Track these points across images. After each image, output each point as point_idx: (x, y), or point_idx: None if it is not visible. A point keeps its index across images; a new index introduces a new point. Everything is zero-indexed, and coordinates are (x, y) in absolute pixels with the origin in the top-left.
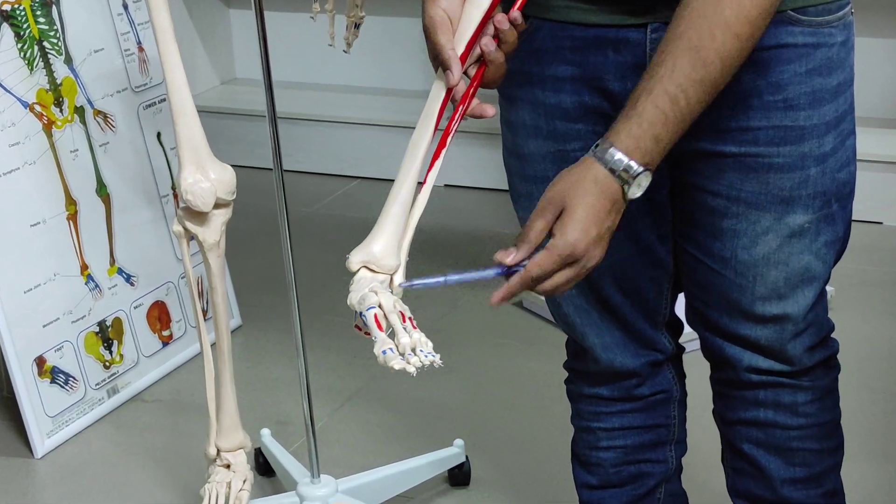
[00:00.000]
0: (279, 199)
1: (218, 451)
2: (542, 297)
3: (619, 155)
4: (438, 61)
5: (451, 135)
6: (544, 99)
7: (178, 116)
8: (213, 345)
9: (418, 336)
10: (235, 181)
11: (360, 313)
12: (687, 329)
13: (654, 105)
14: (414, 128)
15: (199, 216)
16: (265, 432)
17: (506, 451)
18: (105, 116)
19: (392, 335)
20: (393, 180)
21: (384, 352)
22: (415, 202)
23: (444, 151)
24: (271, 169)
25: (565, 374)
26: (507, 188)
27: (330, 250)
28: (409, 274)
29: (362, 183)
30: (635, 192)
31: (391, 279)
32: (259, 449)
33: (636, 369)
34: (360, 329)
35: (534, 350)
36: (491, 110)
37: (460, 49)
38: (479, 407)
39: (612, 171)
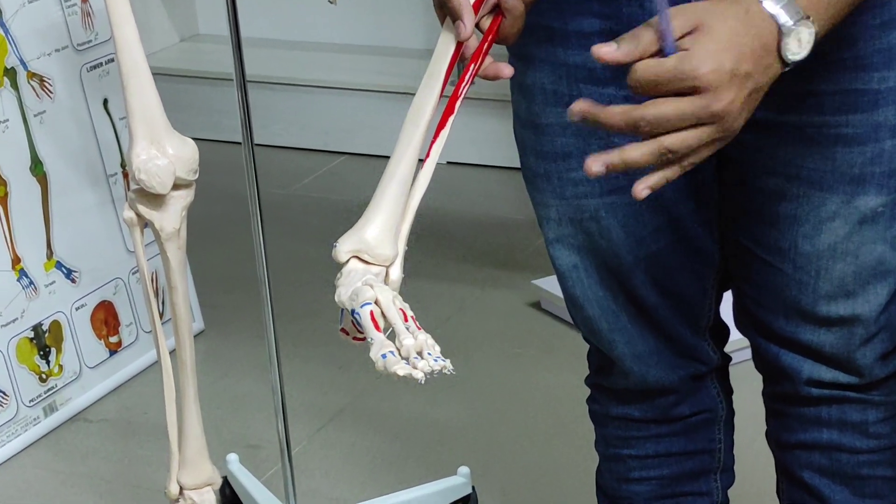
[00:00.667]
0: (249, 179)
1: (181, 488)
2: (562, 298)
3: None
4: (445, 10)
5: (460, 100)
6: (566, 59)
7: (128, 80)
8: (171, 352)
9: (424, 337)
10: (198, 157)
11: (353, 311)
12: (735, 335)
13: None
14: (413, 94)
15: (155, 199)
16: (232, 458)
17: (519, 482)
18: (41, 80)
19: (392, 337)
20: (387, 157)
21: (384, 355)
22: (415, 180)
23: (451, 119)
24: (240, 143)
25: (588, 391)
26: (520, 166)
27: (310, 240)
28: (405, 270)
29: (350, 160)
30: (793, 47)
31: (387, 272)
32: (225, 478)
33: (674, 384)
34: (348, 333)
35: (553, 360)
36: (508, 70)
37: None
38: (487, 428)
39: (768, 7)
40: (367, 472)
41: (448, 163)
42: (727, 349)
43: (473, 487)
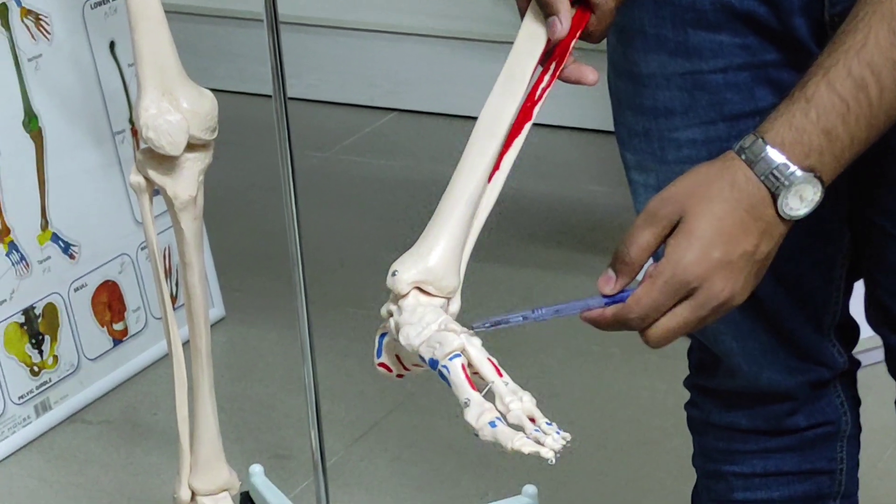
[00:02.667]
0: (281, 140)
1: (193, 494)
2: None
3: (769, 150)
4: (536, 0)
5: (540, 105)
6: None
7: (137, 19)
8: (185, 344)
9: (529, 399)
10: (217, 113)
11: (432, 362)
12: (865, 334)
13: (831, 88)
14: (478, 41)
15: (167, 162)
16: (256, 469)
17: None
18: (37, 18)
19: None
20: (445, 115)
21: (493, 424)
22: (483, 196)
23: (527, 128)
24: (270, 96)
25: (686, 394)
26: (611, 128)
27: (352, 214)
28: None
29: (400, 118)
30: (795, 205)
31: (447, 305)
32: (247, 493)
33: (790, 390)
34: (390, 370)
35: (638, 360)
36: (592, 75)
37: None
38: None
39: (759, 171)
40: (414, 490)
41: None
42: (855, 352)
43: None
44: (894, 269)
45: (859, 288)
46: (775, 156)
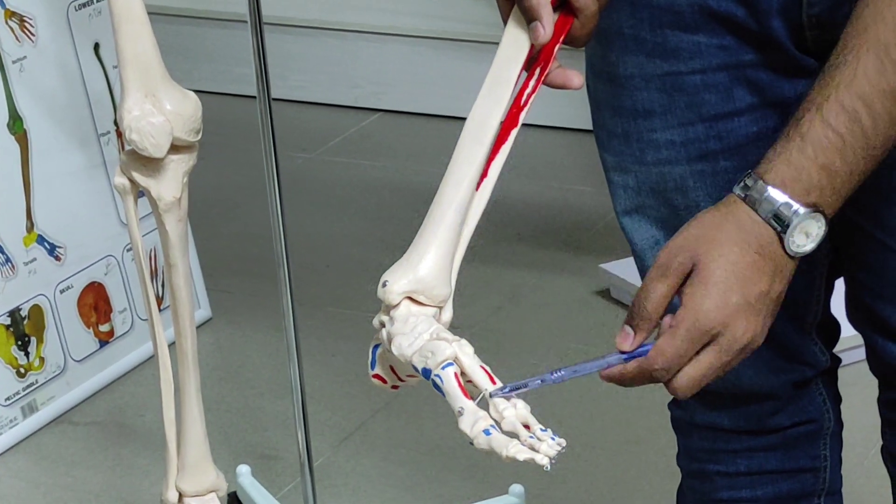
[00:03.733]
0: (265, 141)
1: (180, 495)
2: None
3: (770, 190)
4: (519, 7)
5: (526, 111)
6: None
7: (120, 22)
8: (171, 345)
9: (523, 405)
10: (200, 114)
11: (426, 371)
12: (846, 332)
13: (825, 123)
14: (462, 41)
15: (151, 163)
16: (243, 470)
17: (581, 503)
18: (21, 20)
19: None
20: (428, 115)
21: (487, 431)
22: (471, 205)
23: (513, 134)
24: (254, 97)
25: (668, 394)
26: (591, 127)
27: (337, 214)
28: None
29: (384, 118)
30: (801, 241)
31: (439, 314)
32: (234, 494)
33: (773, 390)
34: (385, 381)
35: None
36: (578, 79)
37: None
38: None
39: (762, 212)
40: (401, 490)
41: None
42: (837, 350)
43: None
44: (875, 268)
45: (840, 286)
46: (777, 195)
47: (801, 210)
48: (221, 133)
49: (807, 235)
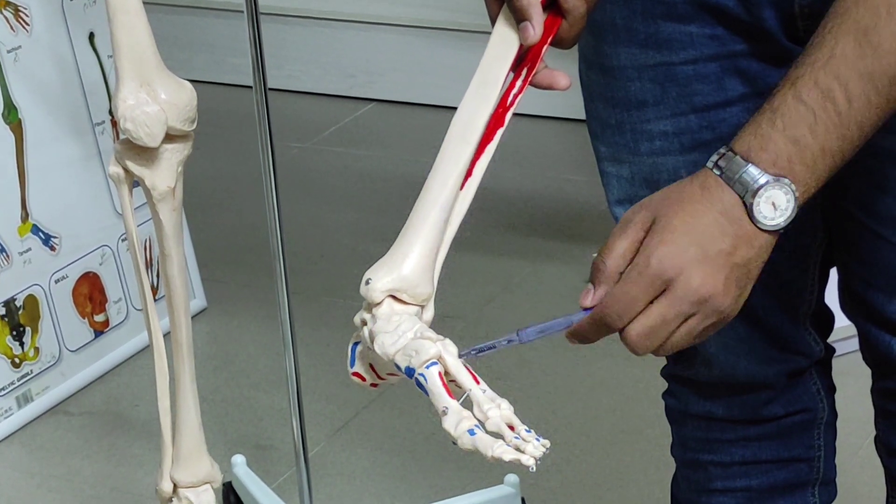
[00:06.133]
0: (261, 131)
1: (175, 486)
2: None
3: (736, 158)
4: (508, 6)
5: (512, 111)
6: None
7: (115, 11)
8: (166, 335)
9: (507, 405)
10: (196, 104)
11: (409, 370)
12: (840, 323)
13: (797, 98)
14: (456, 30)
15: (145, 153)
16: (238, 460)
17: (576, 493)
18: (16, 10)
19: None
20: (422, 105)
21: (472, 432)
22: (455, 204)
23: (499, 133)
24: (250, 87)
25: (663, 384)
26: (584, 117)
27: (332, 204)
28: None
29: (379, 108)
30: (769, 213)
31: (422, 313)
32: (230, 484)
33: (768, 380)
34: (364, 379)
35: (619, 349)
36: (564, 80)
37: None
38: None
39: (726, 178)
40: (396, 479)
41: None
42: (831, 340)
43: (523, 499)
44: (867, 258)
45: (833, 276)
46: (741, 162)
47: (765, 178)
48: (217, 123)
49: (774, 207)
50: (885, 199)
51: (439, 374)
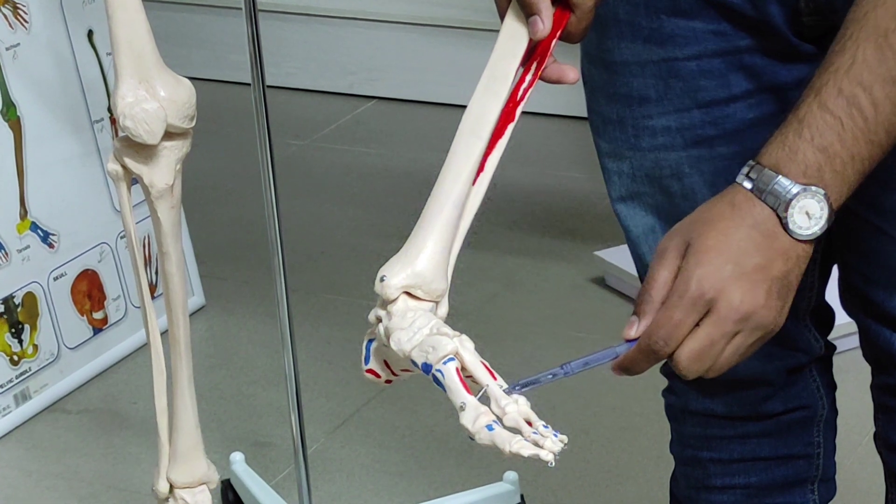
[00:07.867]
0: (259, 128)
1: (171, 486)
2: (634, 272)
3: (765, 171)
4: (517, 1)
5: (522, 106)
6: None
7: (114, 8)
8: (164, 333)
9: (525, 402)
10: (195, 101)
11: (426, 366)
12: (840, 319)
13: (823, 107)
14: (457, 28)
15: (144, 150)
16: (237, 457)
17: (576, 490)
18: (14, 7)
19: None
20: (423, 102)
21: (490, 427)
22: (468, 199)
23: (510, 128)
24: (248, 84)
25: (662, 381)
26: (586, 114)
27: (331, 201)
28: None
29: (379, 105)
30: (803, 223)
31: (436, 309)
32: (228, 481)
33: (767, 376)
34: (379, 375)
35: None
36: (573, 74)
37: None
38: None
39: (757, 191)
40: (396, 477)
41: None
42: (831, 337)
43: (522, 496)
44: (868, 253)
45: (834, 274)
46: (772, 175)
47: (796, 188)
48: (215, 120)
49: (808, 216)
50: (888, 193)
51: (457, 369)
